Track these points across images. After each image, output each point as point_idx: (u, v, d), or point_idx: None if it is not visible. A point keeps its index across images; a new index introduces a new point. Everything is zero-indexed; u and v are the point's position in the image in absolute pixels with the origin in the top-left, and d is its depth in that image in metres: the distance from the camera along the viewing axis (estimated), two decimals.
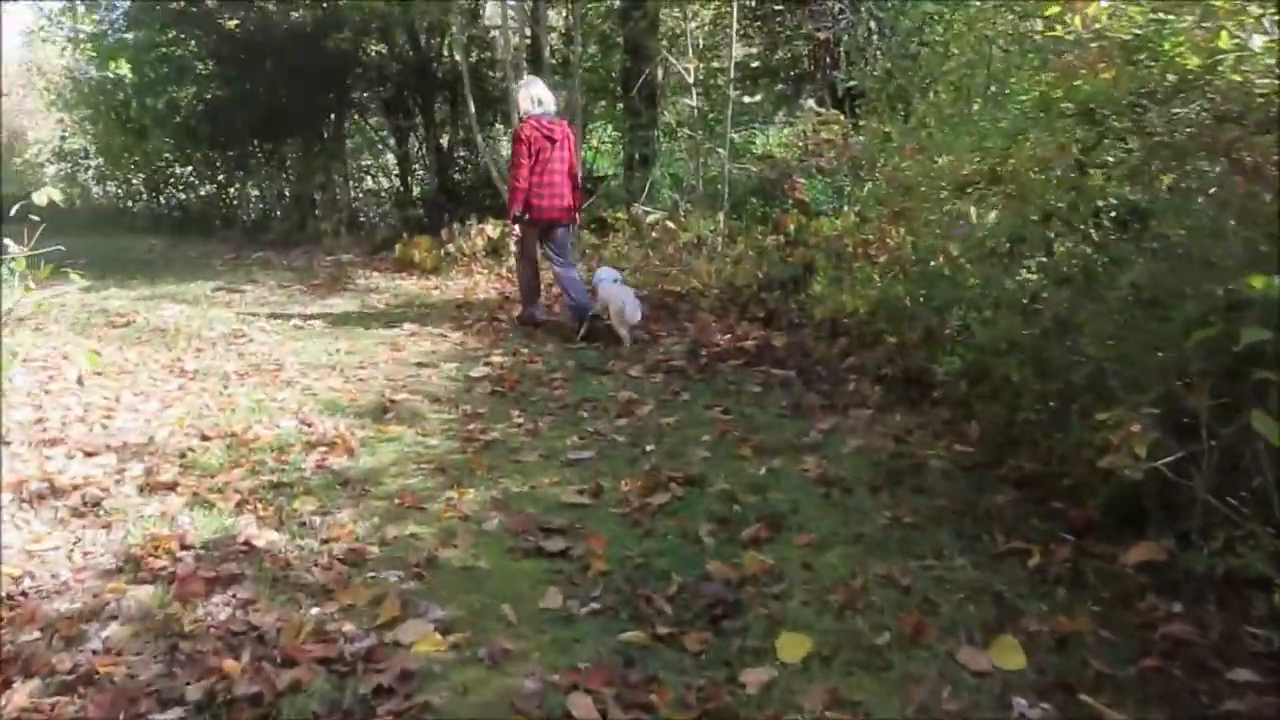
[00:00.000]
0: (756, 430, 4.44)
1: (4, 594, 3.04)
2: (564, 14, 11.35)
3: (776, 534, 3.34)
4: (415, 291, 8.09)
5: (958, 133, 4.82)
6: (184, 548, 3.36)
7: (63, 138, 15.14)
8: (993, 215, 4.45)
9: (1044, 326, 3.74)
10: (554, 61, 11.17)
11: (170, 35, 12.52)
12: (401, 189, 12.98)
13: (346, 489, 3.88)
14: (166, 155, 13.15)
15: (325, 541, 3.39)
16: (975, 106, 5.88)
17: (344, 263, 9.54)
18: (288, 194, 12.84)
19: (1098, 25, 3.48)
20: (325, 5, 11.15)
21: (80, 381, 4.84)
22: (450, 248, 8.83)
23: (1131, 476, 2.81)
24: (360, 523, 3.56)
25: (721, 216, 7.53)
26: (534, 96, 6.61)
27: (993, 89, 6.04)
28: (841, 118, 6.81)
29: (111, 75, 12.96)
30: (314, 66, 11.04)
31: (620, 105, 10.80)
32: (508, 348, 6.13)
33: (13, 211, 6.08)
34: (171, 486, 3.90)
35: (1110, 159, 3.87)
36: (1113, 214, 3.83)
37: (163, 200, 13.56)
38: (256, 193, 13.47)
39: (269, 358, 5.96)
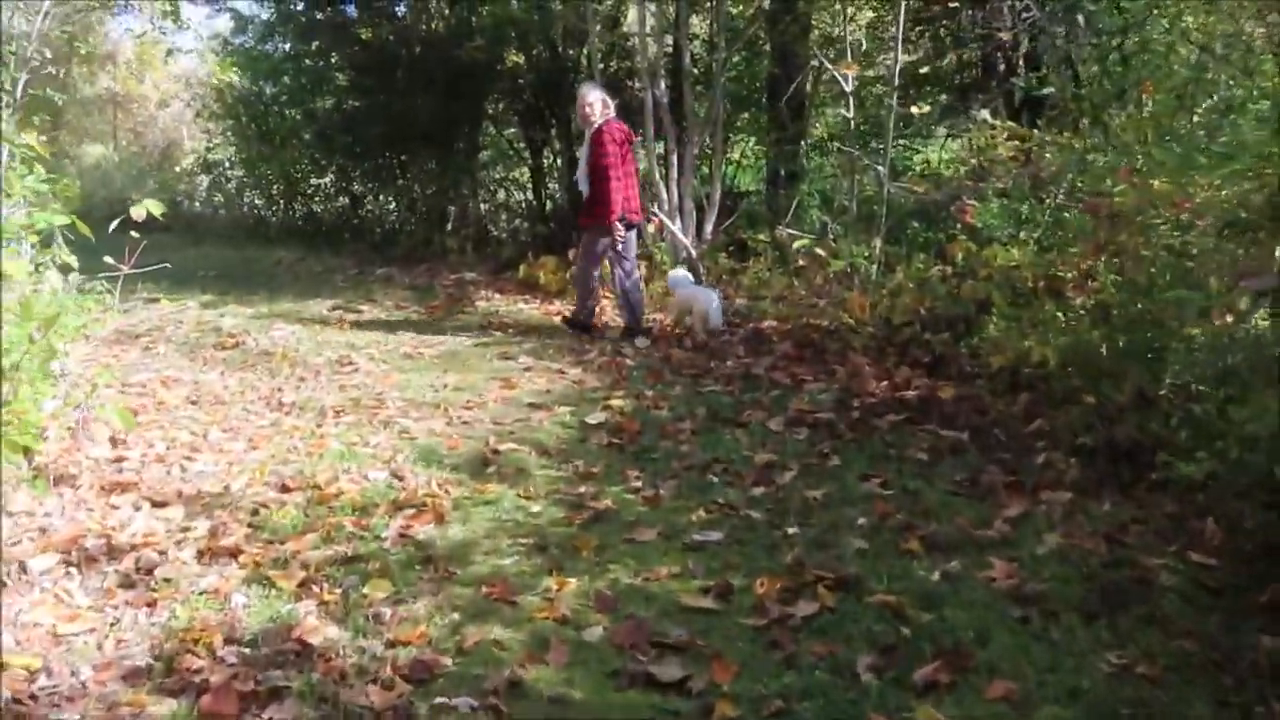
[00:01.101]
0: (925, 514, 3.63)
1: (7, 698, 2.53)
2: (707, 19, 10.69)
3: (960, 677, 2.54)
4: (537, 317, 7.53)
5: (1189, 151, 3.91)
6: (228, 641, 2.81)
7: (208, 148, 15.38)
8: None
9: None
10: (696, 70, 10.53)
11: (314, 47, 12.45)
12: (535, 203, 12.55)
13: (429, 569, 3.27)
14: (303, 166, 13.09)
15: (392, 645, 2.78)
16: (1195, 119, 4.93)
17: (467, 282, 9.08)
18: (424, 207, 12.57)
19: None
20: (460, 13, 10.81)
21: (113, 442, 4.42)
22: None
23: None
24: (437, 618, 2.93)
25: (878, 242, 6.69)
26: (606, 100, 6.68)
27: (1214, 98, 5.08)
28: (1034, 131, 5.88)
29: (246, 85, 13.02)
30: (449, 76, 10.70)
31: (765, 116, 10.04)
32: (630, 389, 5.46)
33: (112, 227, 5.78)
34: (234, 553, 3.37)
35: None
36: None
37: (298, 211, 13.53)
38: (391, 205, 13.26)
39: (371, 391, 5.46)
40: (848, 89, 7.05)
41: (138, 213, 4.58)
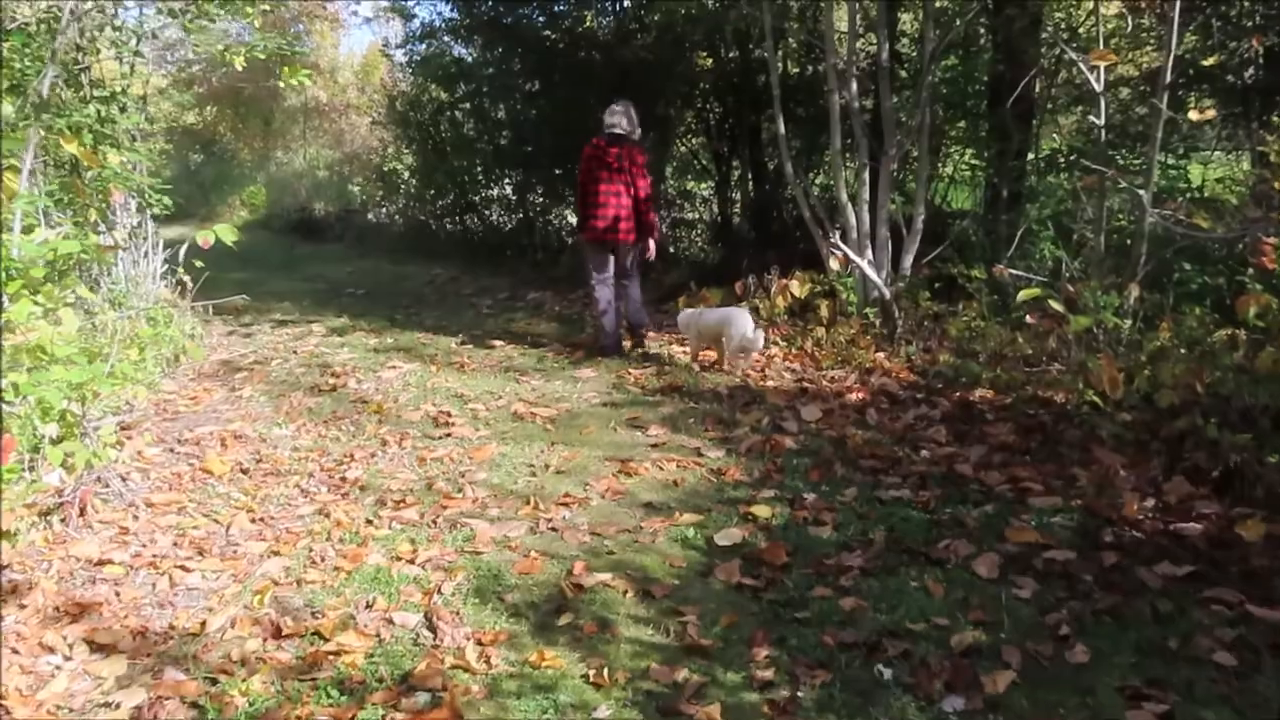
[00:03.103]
0: None
1: None
2: (916, 15, 9.10)
3: None
4: (685, 365, 6.23)
5: None
6: None
7: (382, 157, 15.00)
8: None
9: None
10: (903, 73, 8.99)
11: (495, 53, 11.70)
12: (720, 221, 11.29)
13: None
14: (476, 177, 12.31)
15: None
16: None
17: None
18: None
19: None
20: (629, 9, 9.73)
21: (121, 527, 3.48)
22: (743, 305, 6.90)
23: None
24: None
25: (1134, 289, 5.02)
26: (609, 112, 6.51)
27: None
28: None
29: (419, 93, 12.43)
30: (628, 81, 9.62)
31: (985, 124, 8.34)
32: (785, 486, 4.05)
33: (183, 252, 5.08)
34: None
35: None
36: None
37: (469, 224, 12.79)
38: (563, 220, 12.30)
39: (454, 469, 4.33)
40: (1098, 88, 5.40)
41: (205, 239, 3.88)
